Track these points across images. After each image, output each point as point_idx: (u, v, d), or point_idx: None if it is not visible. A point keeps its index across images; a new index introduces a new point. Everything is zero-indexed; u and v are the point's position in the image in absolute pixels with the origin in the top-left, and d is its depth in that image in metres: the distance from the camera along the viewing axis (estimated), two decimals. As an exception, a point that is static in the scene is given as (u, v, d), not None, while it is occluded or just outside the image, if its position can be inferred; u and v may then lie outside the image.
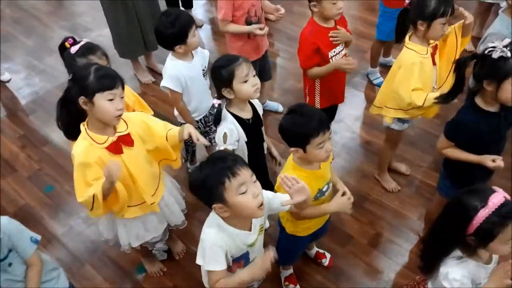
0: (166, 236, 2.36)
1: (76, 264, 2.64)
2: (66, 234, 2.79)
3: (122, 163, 1.85)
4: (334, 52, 2.53)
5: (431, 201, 2.64)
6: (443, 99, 2.13)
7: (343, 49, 2.59)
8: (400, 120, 2.55)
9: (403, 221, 2.72)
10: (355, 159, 3.14)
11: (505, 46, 1.80)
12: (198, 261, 1.61)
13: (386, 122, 2.60)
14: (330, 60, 2.52)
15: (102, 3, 3.42)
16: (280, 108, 3.46)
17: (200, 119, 2.68)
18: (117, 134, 1.86)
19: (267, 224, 1.89)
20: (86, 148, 1.80)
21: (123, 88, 1.84)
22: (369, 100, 3.49)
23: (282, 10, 2.81)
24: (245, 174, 1.48)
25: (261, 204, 1.51)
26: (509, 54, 1.78)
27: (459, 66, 1.98)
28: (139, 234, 2.18)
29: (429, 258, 1.66)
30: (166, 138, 2.01)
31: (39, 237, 1.91)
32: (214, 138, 2.75)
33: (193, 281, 2.51)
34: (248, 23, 2.75)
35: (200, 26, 4.36)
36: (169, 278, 2.55)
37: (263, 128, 2.28)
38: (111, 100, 1.78)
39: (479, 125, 1.93)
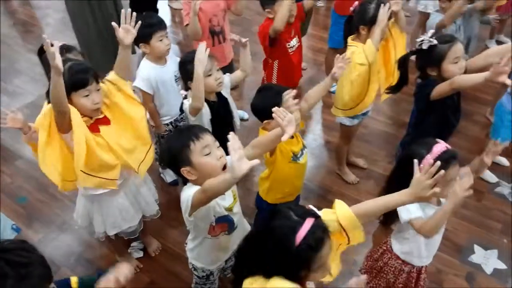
0: (141, 226, 2.47)
1: (52, 268, 2.66)
2: (41, 241, 2.83)
3: (102, 139, 2.00)
4: (289, 45, 2.89)
5: (387, 189, 2.89)
6: (392, 90, 2.40)
7: (296, 43, 2.95)
8: (351, 117, 2.80)
9: (364, 208, 2.93)
10: (318, 157, 3.38)
11: (431, 37, 2.11)
12: (185, 215, 1.70)
13: (338, 118, 2.86)
14: (289, 49, 2.90)
15: (73, 19, 3.55)
16: (246, 115, 3.67)
17: (171, 122, 2.84)
18: (95, 117, 2.01)
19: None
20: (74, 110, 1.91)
21: (97, 81, 1.97)
22: (326, 105, 3.76)
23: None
24: (208, 138, 1.67)
25: (225, 166, 1.67)
26: (435, 42, 2.08)
27: (401, 63, 2.29)
28: (116, 222, 2.28)
29: None
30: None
31: (19, 228, 2.00)
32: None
33: (170, 276, 2.62)
34: (212, 31, 2.98)
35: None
36: (147, 274, 2.64)
37: (232, 104, 2.49)
38: (87, 95, 1.93)
39: (444, 99, 2.16)
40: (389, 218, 1.97)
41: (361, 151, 3.35)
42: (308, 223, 1.28)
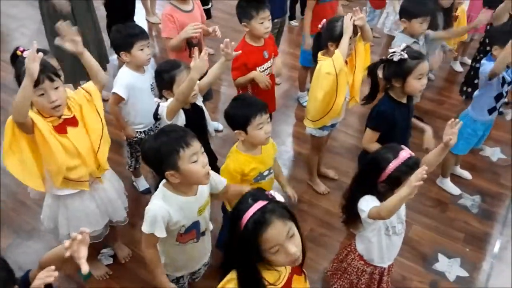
0: (106, 231, 2.45)
1: (19, 274, 2.62)
2: (9, 247, 2.80)
3: (69, 141, 2.00)
4: (262, 67, 2.89)
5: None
6: (366, 100, 2.50)
7: (270, 66, 2.95)
8: (319, 128, 2.89)
9: (333, 218, 3.01)
10: (290, 168, 3.47)
11: (403, 50, 2.24)
12: (143, 228, 1.76)
13: (308, 129, 2.95)
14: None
15: (46, 30, 3.57)
16: (220, 127, 3.73)
17: (144, 130, 2.87)
18: (63, 117, 2.01)
19: (210, 226, 2.06)
20: (36, 117, 1.93)
21: (51, 80, 1.91)
22: (298, 118, 3.89)
23: (216, 29, 3.01)
24: (196, 145, 1.69)
25: (208, 173, 1.72)
26: (406, 56, 2.21)
27: (371, 71, 2.39)
28: (80, 225, 2.23)
29: (349, 208, 1.97)
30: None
31: None
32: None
33: (140, 283, 2.61)
34: (189, 43, 3.05)
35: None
36: (116, 281, 2.62)
37: (206, 113, 2.54)
38: (42, 94, 1.90)
39: (394, 113, 2.32)
40: (350, 218, 2.04)
41: (332, 163, 3.45)
42: (257, 206, 1.29)
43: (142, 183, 3.18)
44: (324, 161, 3.39)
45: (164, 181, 1.79)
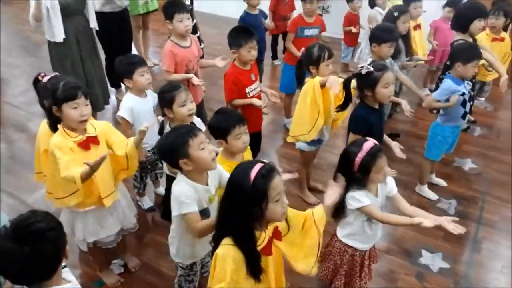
0: (119, 237, 2.68)
1: None
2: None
3: (88, 159, 2.22)
4: (250, 88, 3.26)
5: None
6: (340, 108, 2.86)
7: (258, 86, 3.33)
8: (308, 143, 3.24)
9: (324, 223, 3.28)
10: (281, 183, 3.75)
11: (369, 64, 2.63)
12: (174, 213, 2.02)
13: (297, 145, 3.28)
14: (247, 94, 3.25)
15: (54, 67, 3.84)
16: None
17: (151, 149, 3.15)
18: (86, 135, 2.30)
19: None
20: (61, 139, 2.24)
21: (86, 97, 2.27)
22: (285, 141, 4.20)
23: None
24: (202, 136, 2.01)
25: (214, 158, 2.02)
26: (372, 69, 2.60)
27: (346, 84, 2.77)
28: (95, 230, 2.49)
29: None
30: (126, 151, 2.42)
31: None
32: (159, 173, 3.33)
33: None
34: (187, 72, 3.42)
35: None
36: (127, 287, 2.81)
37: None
38: (75, 108, 2.23)
39: (369, 118, 2.67)
40: (337, 210, 2.26)
41: (320, 178, 3.75)
42: (258, 165, 1.59)
43: (146, 202, 3.43)
44: (313, 177, 3.70)
45: (180, 173, 2.07)
